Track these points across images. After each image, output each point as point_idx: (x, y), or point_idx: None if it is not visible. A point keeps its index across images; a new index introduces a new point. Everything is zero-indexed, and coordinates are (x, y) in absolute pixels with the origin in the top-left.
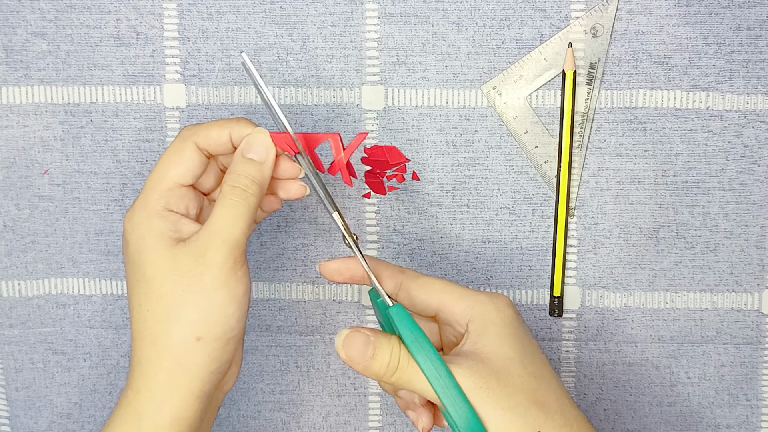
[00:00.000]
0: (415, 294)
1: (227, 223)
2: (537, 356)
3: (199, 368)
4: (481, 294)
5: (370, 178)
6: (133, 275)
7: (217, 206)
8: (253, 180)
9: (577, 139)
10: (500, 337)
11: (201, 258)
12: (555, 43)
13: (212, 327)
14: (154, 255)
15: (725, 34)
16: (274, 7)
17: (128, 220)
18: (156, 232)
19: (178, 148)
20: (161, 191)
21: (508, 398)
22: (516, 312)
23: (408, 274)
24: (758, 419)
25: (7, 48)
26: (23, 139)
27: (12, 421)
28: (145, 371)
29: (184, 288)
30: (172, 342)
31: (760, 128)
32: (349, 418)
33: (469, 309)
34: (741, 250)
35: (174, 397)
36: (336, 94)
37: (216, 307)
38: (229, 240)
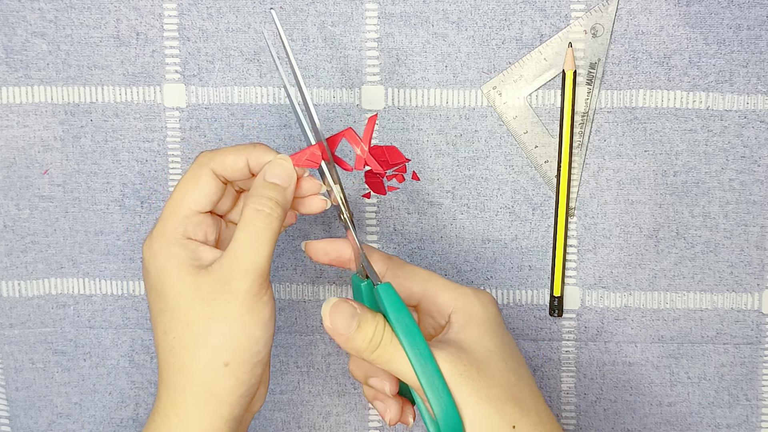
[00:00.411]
0: (400, 281)
1: (252, 249)
2: (516, 354)
3: (227, 393)
4: (465, 288)
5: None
6: (156, 304)
7: (240, 231)
8: (277, 203)
9: (577, 139)
10: (483, 331)
11: (226, 286)
12: (555, 43)
13: (239, 352)
14: (176, 283)
15: (725, 34)
16: (274, 7)
17: (147, 248)
18: (176, 260)
19: (195, 174)
20: (179, 219)
21: (488, 389)
22: (498, 309)
23: (394, 261)
24: (758, 419)
25: (7, 48)
26: (23, 139)
27: (12, 421)
28: (173, 397)
29: (209, 315)
30: (200, 369)
31: (760, 128)
32: (349, 418)
33: (452, 301)
34: (741, 250)
35: (203, 422)
36: (336, 94)
37: (242, 333)
38: (254, 267)
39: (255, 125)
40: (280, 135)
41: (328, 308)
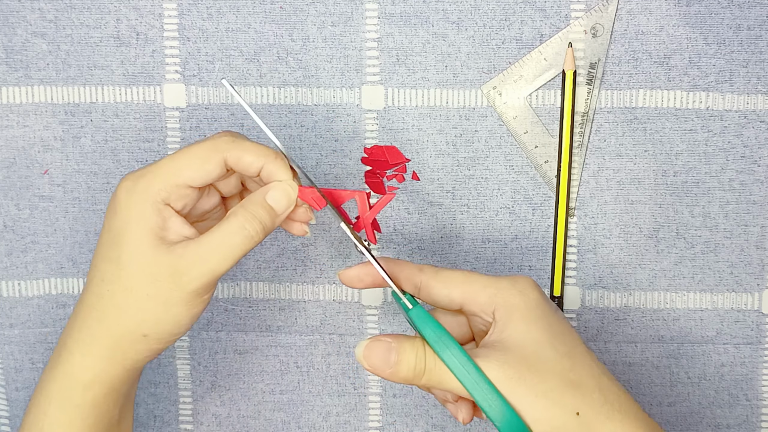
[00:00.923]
0: (437, 291)
1: (219, 258)
2: (567, 335)
3: (136, 354)
4: (502, 280)
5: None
6: (108, 250)
7: (216, 236)
8: (264, 228)
9: (577, 139)
10: (527, 322)
11: (177, 276)
12: (555, 43)
13: (161, 329)
14: (136, 248)
15: (725, 34)
16: (274, 7)
17: (125, 191)
18: (145, 222)
19: (206, 156)
20: (168, 185)
21: (541, 384)
22: (541, 293)
23: (426, 271)
24: (758, 419)
25: (7, 48)
26: (23, 139)
27: (12, 421)
28: (83, 339)
29: (149, 292)
30: (118, 329)
31: (760, 128)
32: (349, 418)
33: (492, 297)
34: (741, 250)
35: (106, 370)
36: (336, 94)
37: (172, 319)
38: (212, 272)
39: (255, 125)
40: (280, 135)
41: (361, 352)
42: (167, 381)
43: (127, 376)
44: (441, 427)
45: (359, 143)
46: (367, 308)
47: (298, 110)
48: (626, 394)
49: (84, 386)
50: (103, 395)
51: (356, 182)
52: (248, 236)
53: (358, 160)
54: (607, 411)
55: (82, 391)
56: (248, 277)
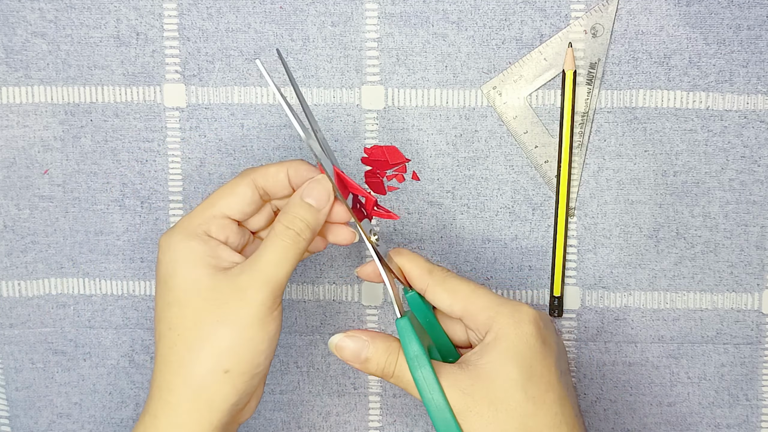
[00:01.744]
0: (441, 298)
1: (275, 263)
2: (545, 378)
3: (221, 400)
4: (505, 305)
5: (370, 178)
6: (164, 297)
7: (267, 243)
8: (308, 225)
9: (577, 139)
10: (508, 355)
11: (242, 293)
12: (555, 43)
13: (241, 361)
14: (190, 280)
15: (725, 34)
16: (274, 7)
17: (165, 239)
18: (194, 255)
19: (233, 183)
20: (205, 217)
21: (496, 425)
22: (537, 328)
23: (436, 276)
24: (758, 419)
25: (7, 48)
26: (23, 139)
27: (12, 421)
28: (165, 397)
29: (218, 318)
30: (199, 371)
31: (760, 128)
32: (349, 418)
33: (489, 319)
34: (741, 250)
35: (192, 427)
36: (336, 94)
37: (248, 343)
38: (273, 281)
39: (255, 125)
40: (280, 135)
41: (335, 342)
42: None
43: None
44: None
45: (359, 143)
46: (367, 308)
47: (298, 110)
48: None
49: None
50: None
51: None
52: (294, 235)
53: (358, 160)
54: None
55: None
56: None
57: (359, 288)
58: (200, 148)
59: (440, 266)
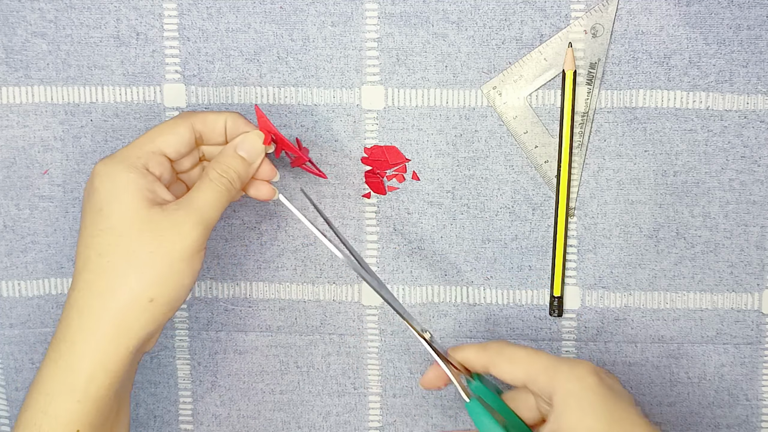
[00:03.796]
0: (503, 368)
1: (210, 204)
2: (628, 419)
3: (140, 327)
4: (562, 363)
5: (370, 178)
6: (96, 224)
7: (202, 186)
8: (239, 176)
9: (577, 139)
10: (582, 410)
11: (178, 227)
12: (555, 43)
13: (166, 292)
14: (129, 211)
15: (725, 34)
16: (274, 7)
17: (102, 167)
18: (133, 186)
19: (173, 123)
20: (145, 152)
21: None
22: (599, 379)
23: (491, 349)
24: (758, 419)
25: (7, 48)
26: (23, 139)
27: (12, 421)
28: (85, 323)
29: (152, 250)
30: (124, 298)
31: (760, 128)
32: (349, 418)
33: (551, 381)
34: (741, 250)
35: (109, 352)
36: (336, 94)
37: (176, 275)
38: (206, 220)
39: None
40: None
41: None
42: (167, 381)
43: (129, 360)
44: (441, 427)
45: (359, 143)
46: (367, 308)
47: (298, 110)
48: None
49: (87, 378)
50: (105, 387)
51: (356, 182)
52: (227, 184)
53: (358, 160)
54: None
55: (84, 385)
56: (248, 277)
57: (359, 288)
58: None
59: (492, 340)
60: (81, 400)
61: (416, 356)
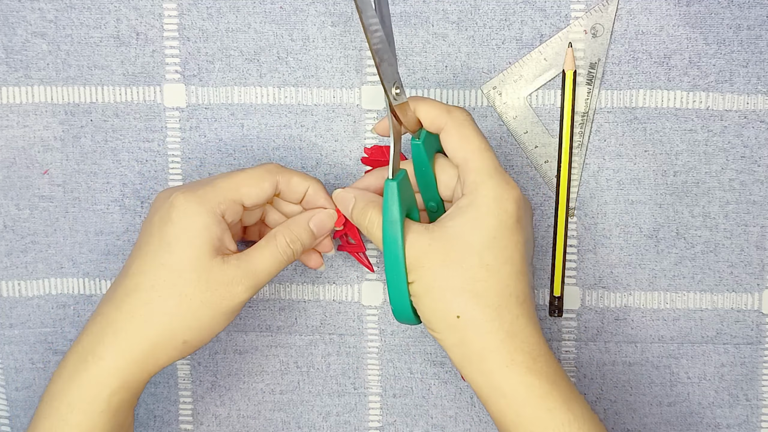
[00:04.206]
0: (452, 140)
1: (267, 270)
2: (507, 252)
3: (167, 360)
4: (495, 177)
5: None
6: (159, 257)
7: (266, 248)
8: (303, 247)
9: (577, 139)
10: (475, 224)
11: (232, 287)
12: (555, 43)
13: (200, 337)
14: (194, 255)
15: (725, 34)
16: (274, 7)
17: (183, 201)
18: (207, 233)
19: (260, 176)
20: (226, 199)
21: (443, 280)
22: (516, 208)
23: (454, 117)
24: (758, 419)
25: (7, 48)
26: (23, 139)
27: (12, 421)
28: (120, 345)
29: (203, 300)
30: (163, 334)
31: (760, 128)
32: (349, 418)
33: (474, 184)
34: (741, 250)
35: (135, 374)
36: (336, 94)
37: (214, 326)
38: (259, 284)
39: (255, 125)
40: (280, 135)
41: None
42: (167, 381)
43: (145, 384)
44: (441, 427)
45: (359, 143)
46: (367, 308)
47: (298, 110)
48: (529, 326)
49: (110, 393)
50: (126, 401)
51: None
52: (290, 255)
53: (358, 160)
54: (490, 327)
55: (108, 397)
56: None
57: (359, 288)
58: (200, 148)
59: (460, 107)
60: (103, 411)
61: (416, 356)
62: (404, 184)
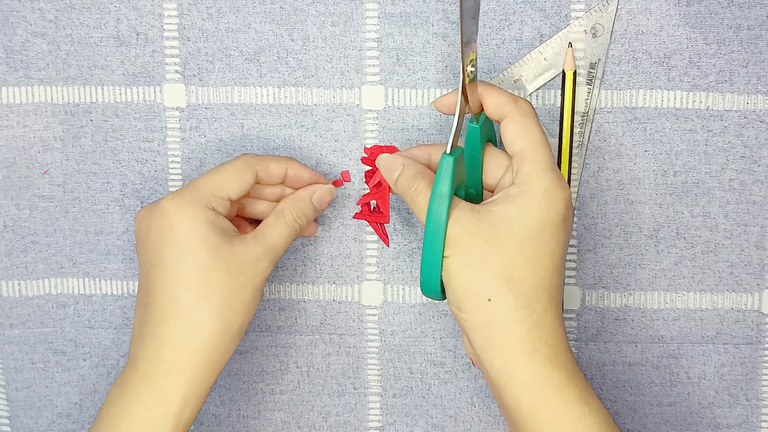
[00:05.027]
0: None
1: (283, 243)
2: (549, 246)
3: (228, 352)
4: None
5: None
6: (181, 262)
7: (277, 224)
8: (308, 221)
9: (577, 139)
10: (522, 214)
11: (259, 263)
12: (555, 43)
13: (247, 319)
14: (214, 247)
15: (725, 34)
16: (274, 7)
17: (176, 206)
18: (213, 225)
19: (239, 169)
20: (213, 196)
21: (479, 259)
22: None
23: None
24: (758, 419)
25: (7, 48)
26: (23, 139)
27: (12, 421)
28: (180, 358)
29: (240, 283)
30: (218, 329)
31: (760, 128)
32: (349, 418)
33: (529, 178)
34: (741, 250)
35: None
36: (336, 94)
37: (253, 304)
38: (278, 256)
39: (255, 125)
40: (280, 135)
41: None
42: None
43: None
44: (441, 427)
45: (359, 143)
46: (367, 308)
47: (298, 110)
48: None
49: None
50: (196, 411)
51: (356, 182)
52: (297, 229)
53: (358, 160)
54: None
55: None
56: None
57: (359, 288)
58: (200, 148)
59: (525, 99)
60: (175, 427)
61: (416, 356)
62: (459, 161)
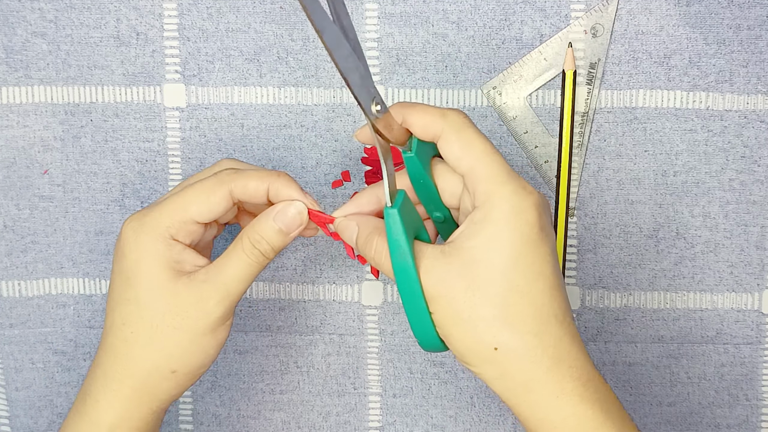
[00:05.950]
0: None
1: (237, 278)
2: (535, 267)
3: (163, 393)
4: (510, 183)
5: (370, 177)
6: (122, 292)
7: (232, 256)
8: (273, 248)
9: (577, 139)
10: (495, 242)
11: (203, 303)
12: (555, 43)
13: (189, 363)
14: (154, 284)
15: (725, 34)
16: (274, 7)
17: (131, 231)
18: (160, 259)
19: (211, 189)
20: (175, 222)
21: (470, 310)
22: (537, 216)
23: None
24: (758, 419)
25: (7, 48)
26: (23, 139)
27: (12, 421)
28: (110, 384)
29: (176, 326)
30: (146, 368)
31: (760, 128)
32: (349, 418)
33: (487, 195)
34: (741, 250)
35: (132, 412)
36: (336, 94)
37: (199, 349)
38: (233, 294)
39: (255, 125)
40: (280, 135)
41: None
42: None
43: (152, 418)
44: (441, 427)
45: (359, 143)
46: (367, 308)
47: (298, 110)
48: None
49: (109, 429)
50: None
51: (356, 182)
52: (258, 256)
53: (358, 160)
54: (533, 355)
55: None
56: None
57: (359, 288)
58: (200, 148)
59: (455, 109)
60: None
61: (416, 356)
62: (406, 208)
